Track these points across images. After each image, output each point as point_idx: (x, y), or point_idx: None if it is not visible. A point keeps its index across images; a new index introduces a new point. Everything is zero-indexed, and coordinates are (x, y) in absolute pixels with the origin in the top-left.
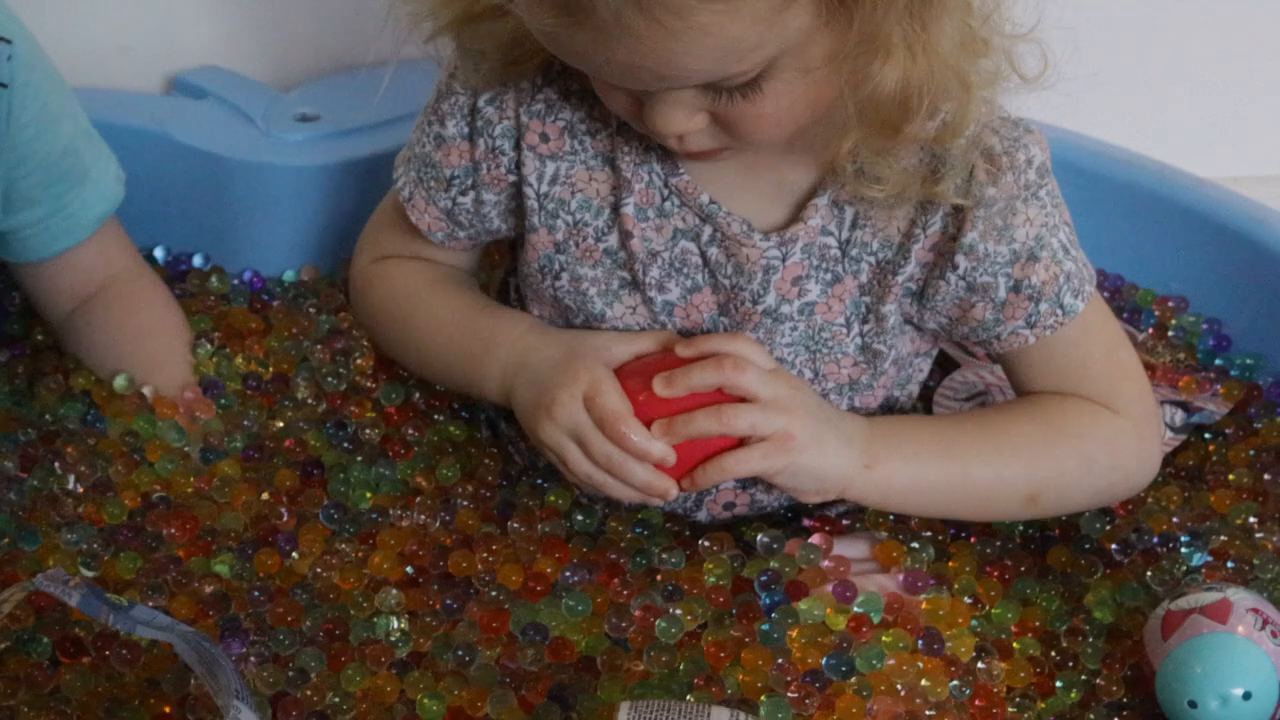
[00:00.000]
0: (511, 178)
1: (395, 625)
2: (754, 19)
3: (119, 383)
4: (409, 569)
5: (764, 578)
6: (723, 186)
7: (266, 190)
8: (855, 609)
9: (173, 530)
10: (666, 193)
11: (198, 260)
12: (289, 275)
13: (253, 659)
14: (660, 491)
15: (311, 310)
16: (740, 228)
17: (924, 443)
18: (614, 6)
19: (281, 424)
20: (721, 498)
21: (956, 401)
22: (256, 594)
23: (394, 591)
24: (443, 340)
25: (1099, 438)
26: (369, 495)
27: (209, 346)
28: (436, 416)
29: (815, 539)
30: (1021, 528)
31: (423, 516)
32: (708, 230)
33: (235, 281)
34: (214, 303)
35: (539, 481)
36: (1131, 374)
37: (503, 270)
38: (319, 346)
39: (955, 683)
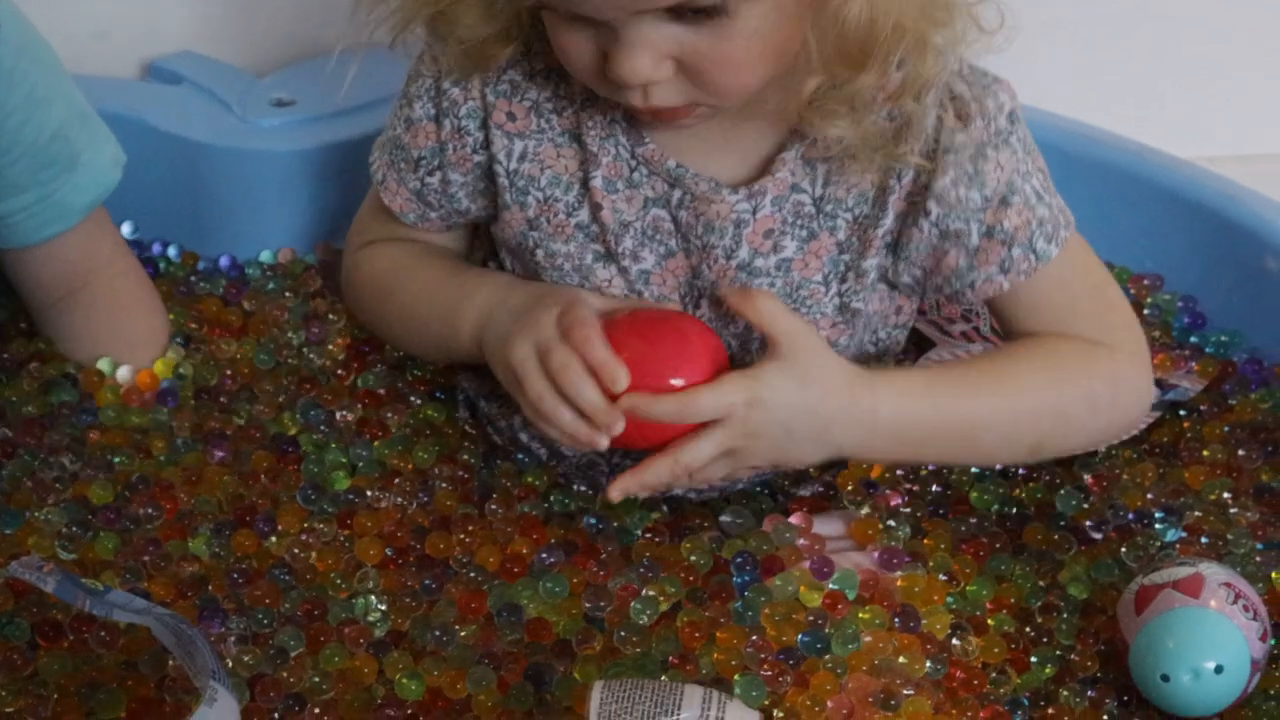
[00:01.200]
0: (478, 157)
1: (374, 605)
2: None
3: (103, 365)
4: (388, 550)
5: (739, 559)
6: (689, 151)
7: (243, 175)
8: (830, 586)
9: (151, 511)
10: (634, 163)
11: (172, 251)
12: (265, 256)
13: (232, 639)
14: (600, 426)
15: (288, 295)
16: (708, 185)
17: (923, 387)
18: None
19: (262, 406)
20: None
21: None
22: (235, 575)
23: (372, 572)
24: (424, 303)
25: (1101, 375)
26: (344, 476)
27: (181, 350)
28: (414, 399)
29: (793, 517)
30: (997, 506)
31: (399, 499)
32: (677, 194)
33: (205, 264)
34: (187, 292)
35: (518, 457)
36: (1120, 309)
37: (480, 256)
38: (290, 334)
39: (930, 661)
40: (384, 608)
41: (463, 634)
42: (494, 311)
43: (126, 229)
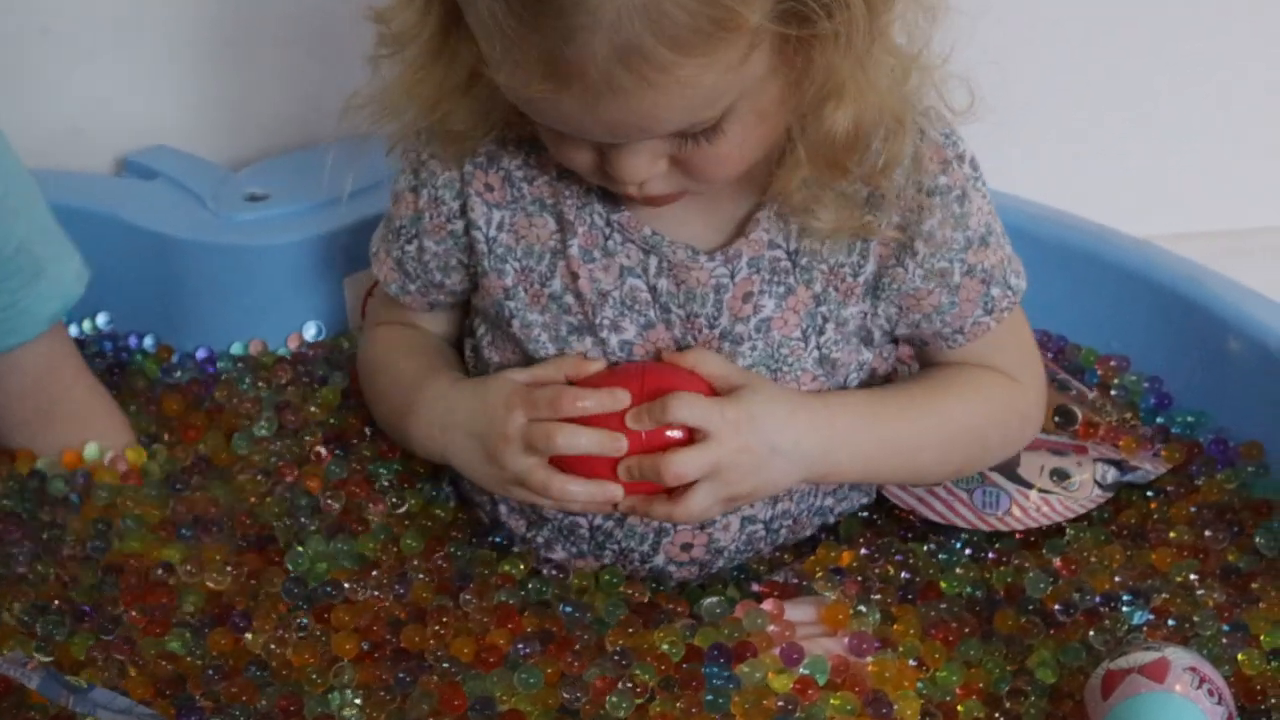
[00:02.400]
0: (452, 225)
1: (349, 700)
2: (726, 67)
3: (89, 451)
4: (364, 644)
5: (714, 651)
6: (663, 219)
7: (216, 269)
8: (801, 671)
9: (134, 613)
10: (609, 231)
11: (148, 342)
12: (236, 348)
13: None
14: (606, 494)
15: (260, 386)
16: (685, 253)
17: (866, 404)
18: (604, 69)
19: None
20: (679, 538)
21: None
22: (211, 673)
23: (348, 666)
24: (386, 404)
25: (1015, 409)
26: (325, 568)
27: (145, 450)
28: (389, 496)
29: (765, 604)
30: (969, 589)
31: (376, 592)
32: (654, 262)
33: (179, 357)
34: (159, 386)
35: (498, 540)
36: (1031, 349)
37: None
38: (261, 426)
39: None
40: (359, 702)
41: None
42: (445, 433)
43: (102, 320)
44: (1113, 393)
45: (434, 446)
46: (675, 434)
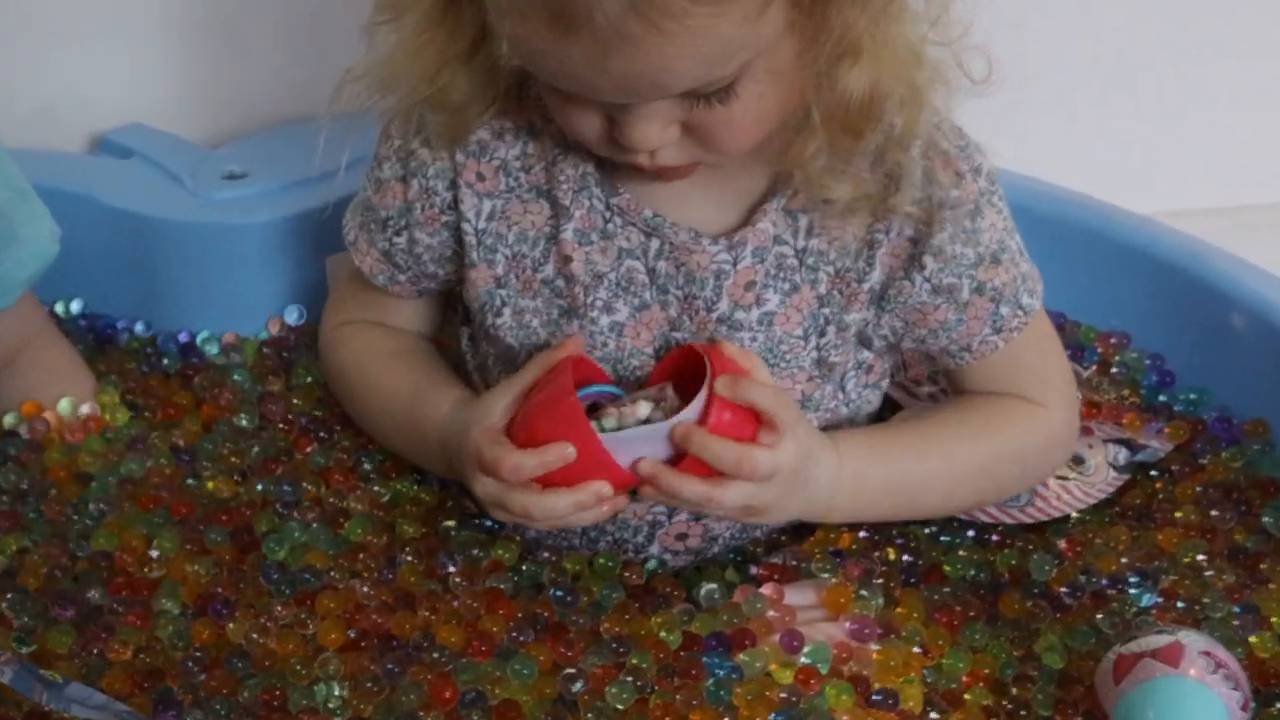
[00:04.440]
0: (445, 218)
1: (335, 692)
2: (742, 19)
3: (62, 406)
4: (350, 632)
5: (712, 640)
6: (666, 201)
7: (195, 250)
8: (802, 660)
9: (117, 607)
10: (608, 214)
11: (139, 327)
12: (213, 349)
13: None
14: (598, 498)
15: (236, 379)
16: (687, 235)
17: (870, 449)
18: (612, 15)
19: (220, 486)
20: (674, 529)
21: None
22: (190, 664)
23: (333, 656)
24: (388, 424)
25: (1036, 436)
26: (304, 554)
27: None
28: (374, 486)
29: (765, 588)
30: (973, 572)
31: (363, 576)
32: (654, 244)
33: (161, 340)
34: (141, 372)
35: (488, 524)
36: (1061, 369)
37: (457, 321)
38: (241, 417)
39: None
40: (345, 694)
41: (428, 719)
42: (451, 460)
43: (76, 306)
44: (1113, 370)
45: (451, 474)
46: (726, 418)
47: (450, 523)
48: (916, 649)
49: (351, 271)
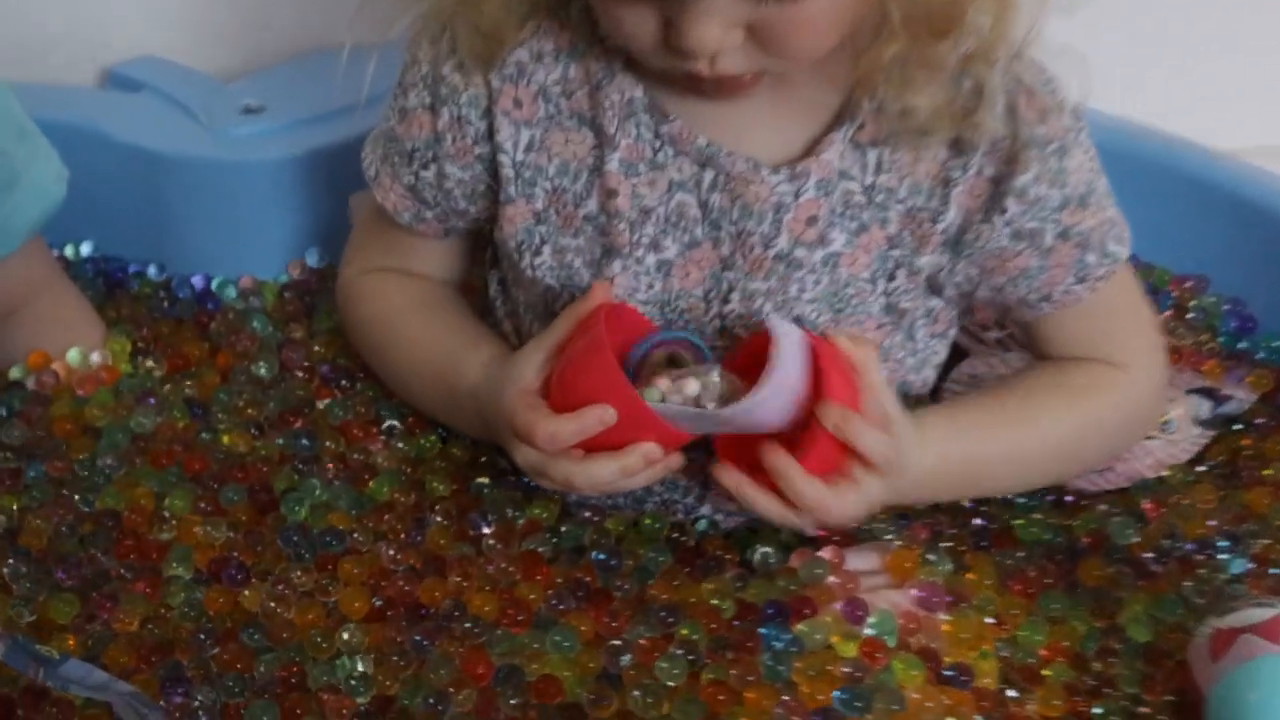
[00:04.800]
0: (479, 149)
1: (359, 668)
2: None
3: (72, 356)
4: (375, 600)
5: (769, 609)
6: (722, 129)
7: (210, 189)
8: (867, 631)
9: (125, 573)
10: (658, 144)
11: (152, 270)
12: (230, 293)
13: (200, 713)
14: (645, 460)
15: (254, 326)
16: (745, 165)
17: (950, 469)
18: None
19: (237, 442)
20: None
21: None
22: (202, 636)
23: (356, 628)
24: (417, 385)
25: (1121, 404)
26: (327, 514)
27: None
28: (397, 438)
29: (824, 551)
30: (1049, 536)
31: (389, 541)
32: (708, 176)
33: (175, 284)
34: (154, 318)
35: (523, 481)
36: (1147, 330)
37: (485, 263)
38: (260, 365)
39: (980, 718)
40: (369, 670)
41: (459, 697)
42: (486, 423)
43: (86, 249)
44: (1189, 316)
45: (487, 435)
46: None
47: (483, 480)
48: (989, 619)
49: (371, 212)
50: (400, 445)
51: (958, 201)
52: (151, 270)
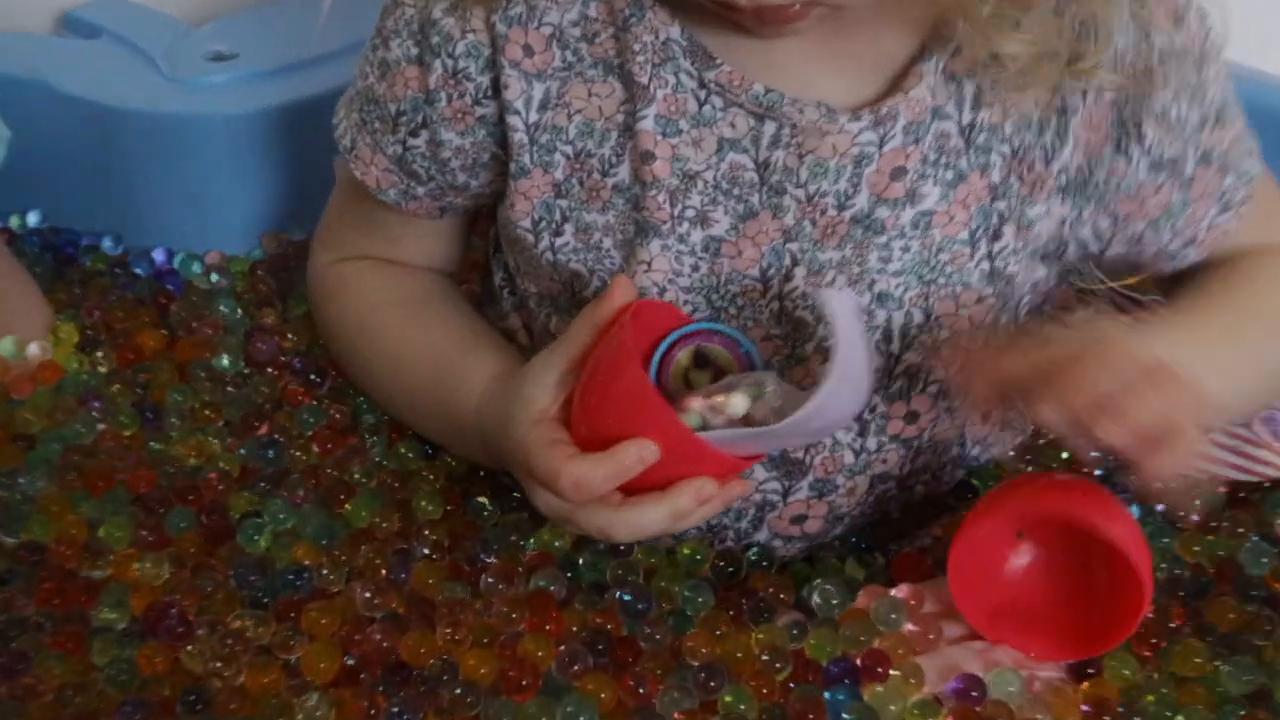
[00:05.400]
0: (482, 109)
1: None
2: None
3: (4, 347)
4: (347, 658)
5: (834, 669)
6: (783, 70)
7: (172, 148)
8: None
9: (43, 621)
10: (703, 94)
11: (107, 243)
12: (194, 270)
13: None
14: (698, 498)
15: (222, 310)
16: (817, 113)
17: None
18: None
19: (189, 453)
20: (790, 510)
21: None
22: (129, 709)
23: (318, 698)
24: (405, 403)
25: None
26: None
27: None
28: (375, 450)
29: (898, 590)
30: (1164, 566)
31: (365, 580)
32: (768, 130)
33: (133, 261)
34: (108, 302)
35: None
36: None
37: (488, 242)
38: (223, 358)
39: None
40: None
41: None
42: (493, 453)
43: (33, 219)
44: None
45: (495, 463)
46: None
47: (482, 499)
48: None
49: (347, 187)
50: (378, 456)
51: (1077, 134)
52: (106, 243)
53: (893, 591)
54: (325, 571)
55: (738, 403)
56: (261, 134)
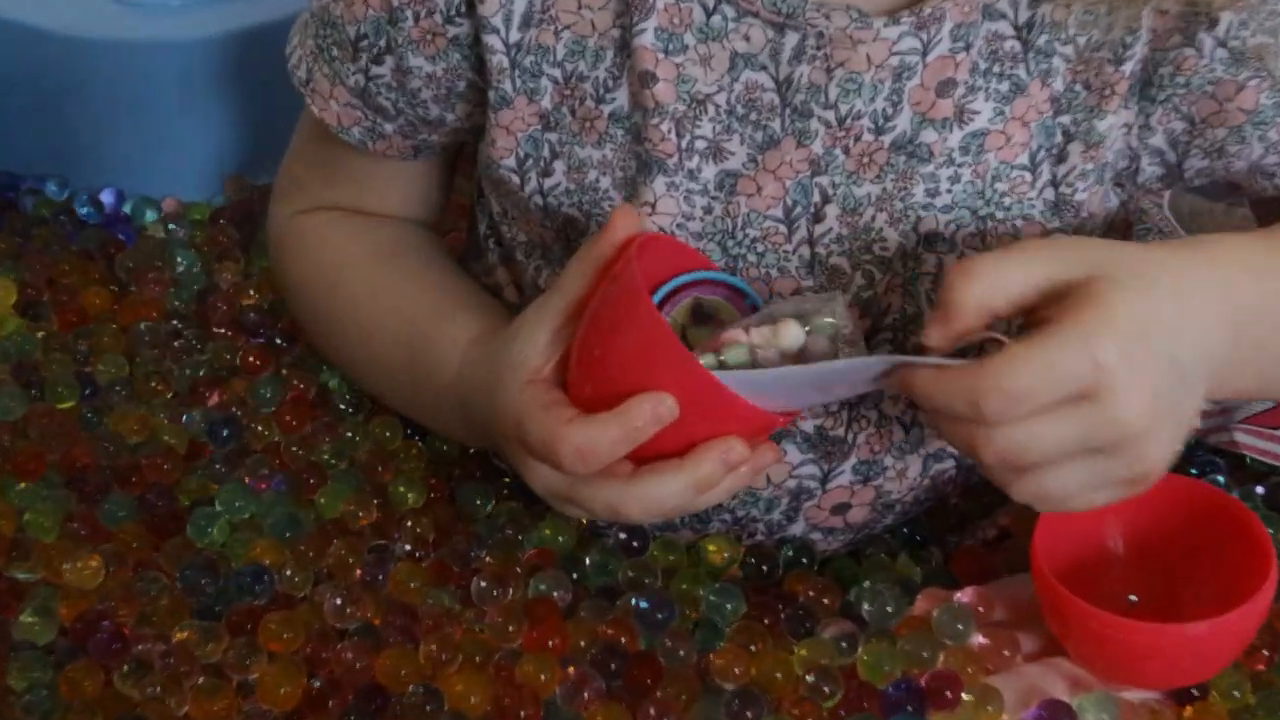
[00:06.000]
0: (454, 29)
1: None
2: None
3: None
4: (313, 680)
5: (894, 692)
6: None
7: (123, 80)
8: None
9: None
10: (713, 2)
11: (52, 188)
12: (148, 217)
13: None
14: (726, 464)
15: (179, 263)
16: (847, 18)
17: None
18: None
19: (131, 429)
20: (830, 498)
21: None
22: None
23: None
24: (380, 374)
25: None
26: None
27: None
28: (346, 426)
29: (964, 594)
30: None
31: (335, 583)
32: (790, 41)
33: (80, 206)
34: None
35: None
36: None
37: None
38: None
39: None
40: None
41: None
42: (473, 422)
43: None
44: None
45: (472, 438)
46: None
47: (474, 486)
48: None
49: (309, 127)
50: (351, 433)
51: (1150, 22)
52: (50, 188)
53: (957, 595)
54: (288, 573)
55: (791, 330)
56: (224, 63)
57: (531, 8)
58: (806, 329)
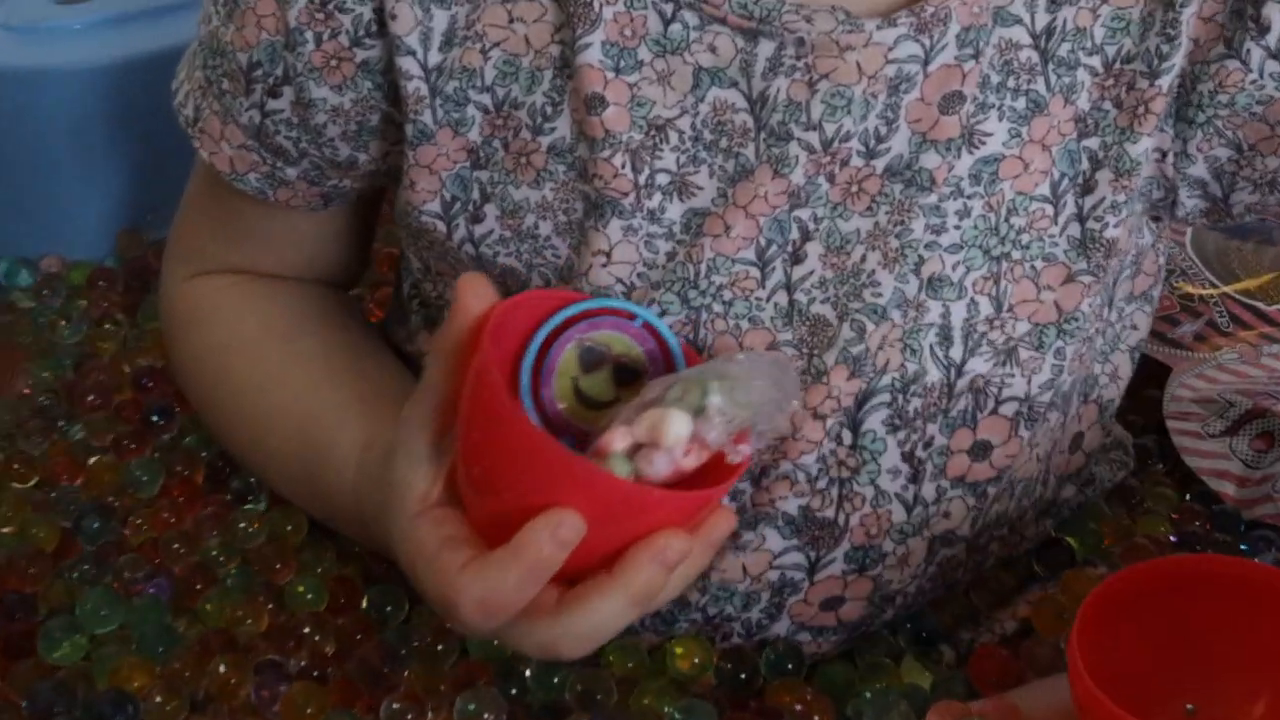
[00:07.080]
0: (363, 53)
1: None
2: None
3: None
4: None
5: None
6: None
7: (8, 110)
8: None
9: None
10: (670, 7)
11: None
12: (22, 280)
13: None
14: (663, 563)
15: (62, 326)
16: (832, 22)
17: None
18: None
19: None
20: (819, 590)
21: (1208, 431)
22: None
23: None
24: (273, 466)
25: None
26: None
27: None
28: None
29: (982, 706)
30: None
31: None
32: (765, 51)
33: None
34: None
35: None
36: None
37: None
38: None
39: None
40: None
41: None
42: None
43: None
44: None
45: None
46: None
47: (387, 588)
48: None
49: (203, 176)
50: (242, 524)
51: (1192, 30)
52: None
53: (975, 707)
54: (158, 699)
55: (677, 420)
56: (117, 95)
57: (454, 24)
58: (700, 406)
